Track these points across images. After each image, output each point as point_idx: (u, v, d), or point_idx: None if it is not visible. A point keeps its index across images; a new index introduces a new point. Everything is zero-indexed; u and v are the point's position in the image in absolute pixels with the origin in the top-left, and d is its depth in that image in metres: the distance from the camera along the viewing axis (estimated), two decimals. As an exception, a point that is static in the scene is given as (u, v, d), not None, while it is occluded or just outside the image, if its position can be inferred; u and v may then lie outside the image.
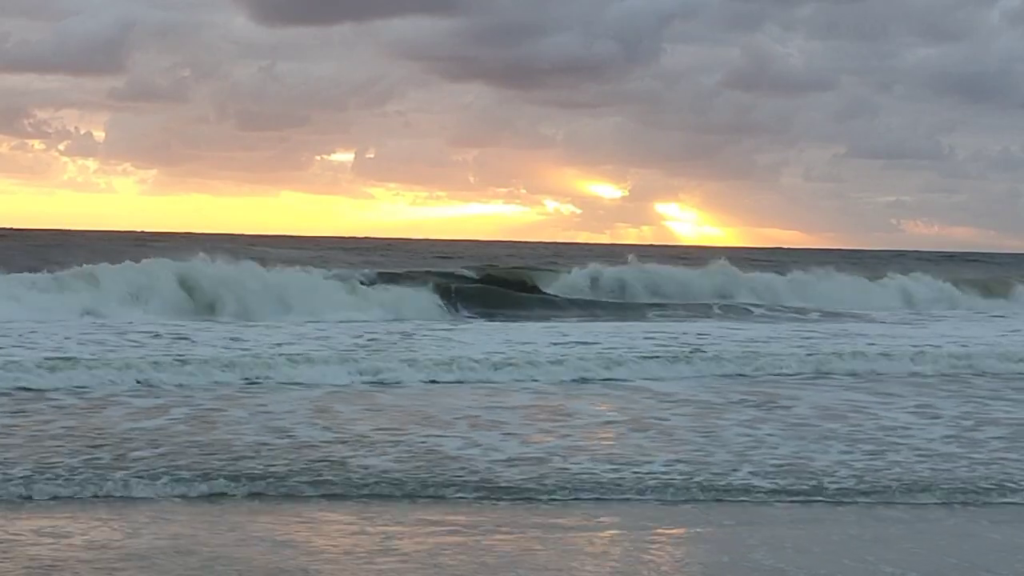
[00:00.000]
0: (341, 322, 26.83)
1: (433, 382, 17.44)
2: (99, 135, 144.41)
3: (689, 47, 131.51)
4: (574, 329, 26.42)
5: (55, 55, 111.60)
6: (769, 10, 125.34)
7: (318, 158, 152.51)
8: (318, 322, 26.63)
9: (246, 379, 17.12)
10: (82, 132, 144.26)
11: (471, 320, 30.70)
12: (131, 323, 25.00)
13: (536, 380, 17.81)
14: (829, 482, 10.82)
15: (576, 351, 20.85)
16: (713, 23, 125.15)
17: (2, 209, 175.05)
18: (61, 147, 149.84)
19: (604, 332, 25.26)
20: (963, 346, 22.91)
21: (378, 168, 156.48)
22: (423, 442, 12.48)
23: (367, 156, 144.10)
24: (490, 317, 31.15)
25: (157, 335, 22.08)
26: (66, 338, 21.05)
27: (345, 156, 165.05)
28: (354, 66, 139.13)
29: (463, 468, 11.19)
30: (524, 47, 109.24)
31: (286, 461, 11.28)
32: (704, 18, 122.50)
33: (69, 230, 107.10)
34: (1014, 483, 10.90)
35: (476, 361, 18.92)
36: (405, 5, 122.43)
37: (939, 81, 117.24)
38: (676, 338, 23.81)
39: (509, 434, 13.10)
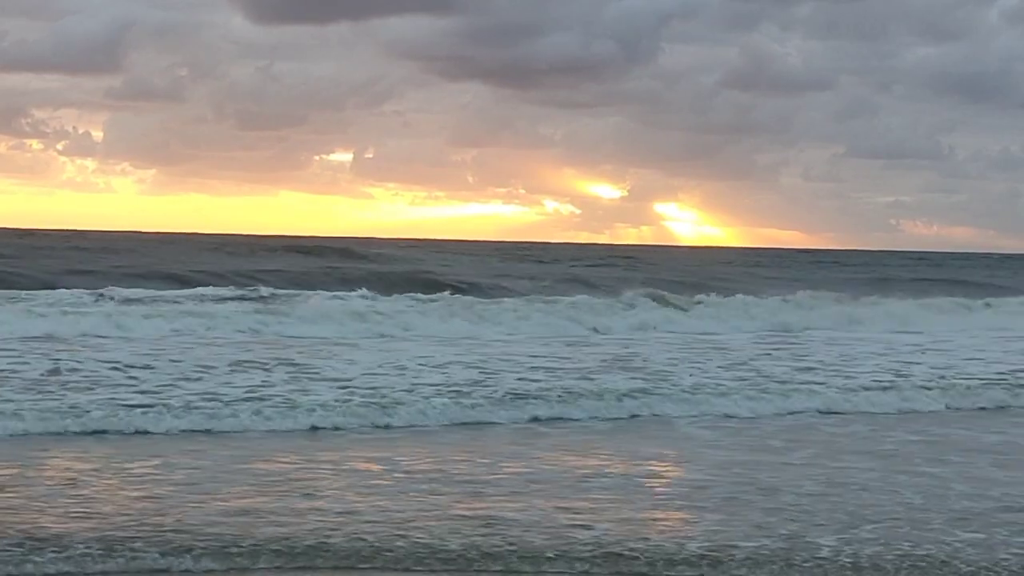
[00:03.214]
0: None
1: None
2: (97, 135, 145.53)
3: (688, 47, 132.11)
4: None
5: (53, 55, 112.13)
6: (768, 10, 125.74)
7: (317, 158, 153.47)
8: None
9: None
10: (80, 132, 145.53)
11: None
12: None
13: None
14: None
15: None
16: (712, 23, 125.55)
17: (0, 209, 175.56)
18: (59, 147, 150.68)
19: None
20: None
21: (377, 168, 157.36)
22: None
23: (366, 156, 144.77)
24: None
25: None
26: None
27: (344, 156, 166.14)
28: (352, 66, 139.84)
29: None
30: (522, 47, 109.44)
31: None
32: (703, 18, 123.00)
33: (68, 230, 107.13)
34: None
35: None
36: (403, 4, 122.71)
37: (939, 81, 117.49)
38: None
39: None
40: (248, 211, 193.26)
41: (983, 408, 18.90)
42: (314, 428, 15.26)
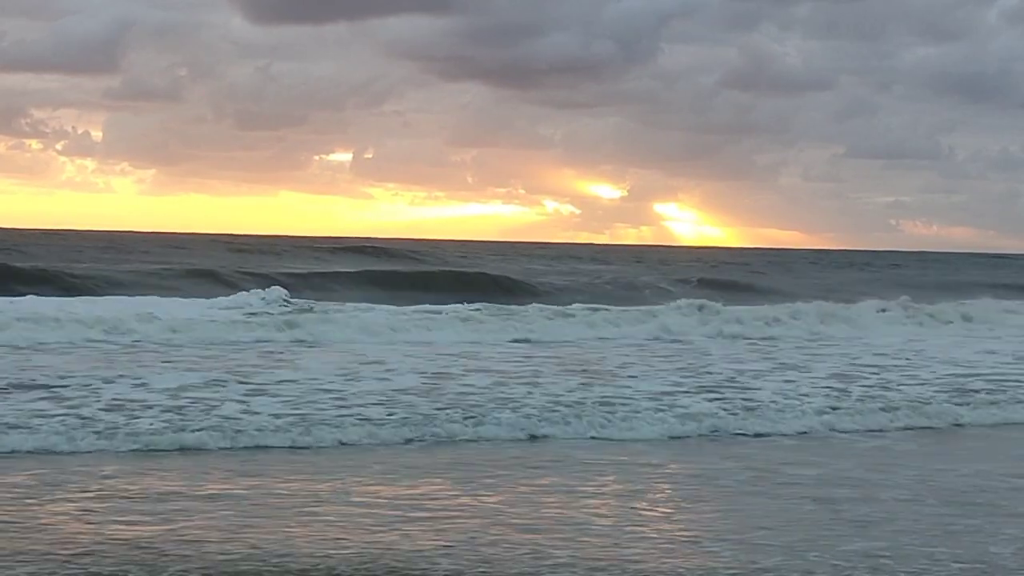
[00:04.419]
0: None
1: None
2: (97, 135, 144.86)
3: (687, 47, 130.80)
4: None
5: (52, 54, 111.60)
6: (767, 9, 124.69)
7: (316, 158, 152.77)
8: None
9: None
10: (80, 132, 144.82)
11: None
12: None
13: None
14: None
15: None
16: (711, 23, 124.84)
17: (0, 209, 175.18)
18: (59, 147, 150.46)
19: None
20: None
21: (377, 168, 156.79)
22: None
23: (365, 156, 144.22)
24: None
25: None
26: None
27: (343, 156, 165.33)
28: (351, 66, 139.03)
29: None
30: (522, 47, 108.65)
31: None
32: (702, 18, 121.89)
33: (68, 230, 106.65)
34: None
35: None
36: (402, 4, 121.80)
37: (938, 81, 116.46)
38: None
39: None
40: (248, 211, 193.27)
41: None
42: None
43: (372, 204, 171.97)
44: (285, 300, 33.23)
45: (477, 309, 31.53)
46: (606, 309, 32.70)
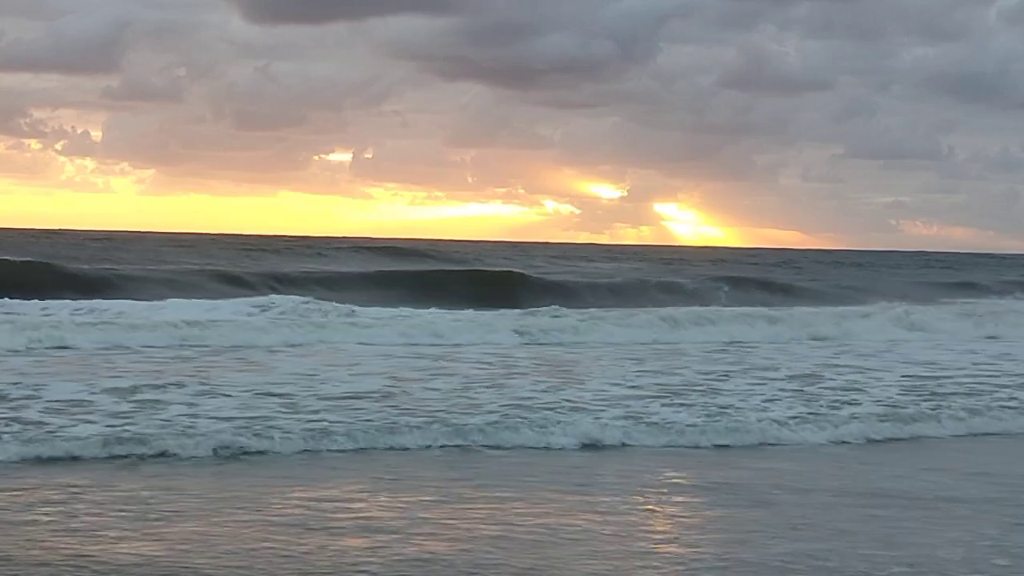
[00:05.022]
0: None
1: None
2: (96, 135, 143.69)
3: (686, 47, 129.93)
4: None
5: (51, 54, 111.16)
6: (765, 9, 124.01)
7: (316, 158, 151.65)
8: None
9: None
10: (79, 132, 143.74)
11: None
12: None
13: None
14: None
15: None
16: (709, 23, 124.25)
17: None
18: (58, 147, 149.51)
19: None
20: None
21: (376, 168, 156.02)
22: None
23: (365, 156, 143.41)
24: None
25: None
26: None
27: (343, 156, 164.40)
28: (351, 66, 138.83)
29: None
30: (520, 46, 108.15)
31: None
32: (700, 17, 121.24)
33: (68, 230, 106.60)
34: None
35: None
36: (401, 4, 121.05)
37: (937, 81, 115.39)
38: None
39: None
40: (247, 211, 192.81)
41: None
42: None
43: (372, 204, 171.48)
44: (306, 303, 32.39)
45: (502, 314, 30.65)
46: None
